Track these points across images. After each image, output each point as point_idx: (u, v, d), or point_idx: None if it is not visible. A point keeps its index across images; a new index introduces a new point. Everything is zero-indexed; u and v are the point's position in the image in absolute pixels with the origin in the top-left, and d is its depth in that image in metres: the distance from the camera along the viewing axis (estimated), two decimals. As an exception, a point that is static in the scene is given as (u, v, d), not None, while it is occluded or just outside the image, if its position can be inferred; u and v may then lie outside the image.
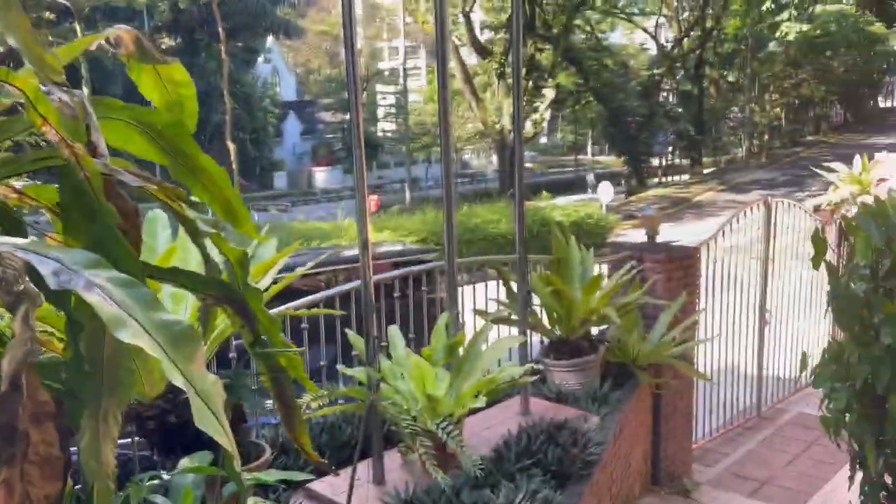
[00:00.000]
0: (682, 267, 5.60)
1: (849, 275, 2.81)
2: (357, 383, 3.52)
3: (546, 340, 5.01)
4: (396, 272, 4.92)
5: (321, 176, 41.34)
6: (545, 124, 32.70)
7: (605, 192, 19.80)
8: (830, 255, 8.01)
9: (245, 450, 3.02)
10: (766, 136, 42.40)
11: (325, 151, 44.86)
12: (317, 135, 46.61)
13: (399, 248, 9.23)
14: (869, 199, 7.80)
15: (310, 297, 4.16)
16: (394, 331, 3.80)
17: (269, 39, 46.56)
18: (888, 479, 2.90)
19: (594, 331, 5.08)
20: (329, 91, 44.80)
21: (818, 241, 3.19)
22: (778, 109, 44.84)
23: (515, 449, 3.61)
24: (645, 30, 40.74)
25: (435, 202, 19.30)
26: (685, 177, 35.50)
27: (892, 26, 36.43)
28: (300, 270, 3.34)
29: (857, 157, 7.99)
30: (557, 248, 5.05)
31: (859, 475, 3.12)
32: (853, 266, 2.84)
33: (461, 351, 3.68)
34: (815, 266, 3.15)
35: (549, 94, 27.07)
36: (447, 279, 3.90)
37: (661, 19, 39.84)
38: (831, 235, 7.85)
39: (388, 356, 3.70)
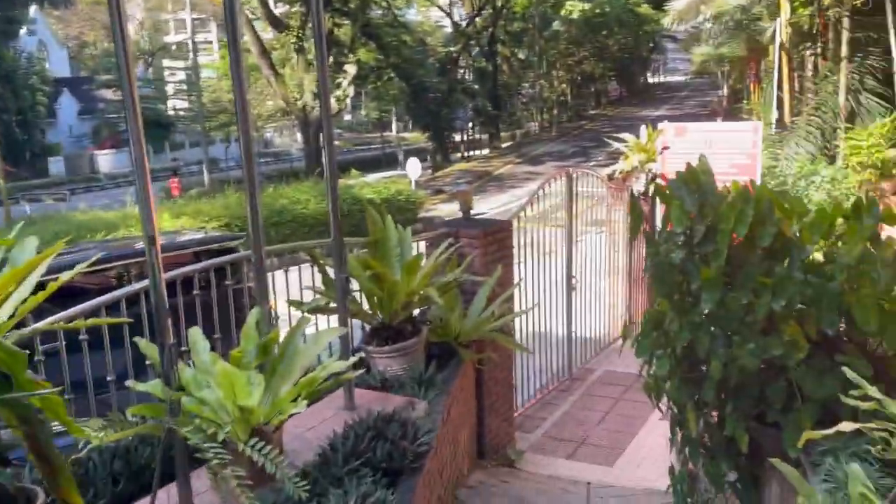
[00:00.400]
0: (496, 241, 5.59)
1: (665, 242, 2.83)
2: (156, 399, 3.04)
3: (368, 327, 4.76)
4: (197, 265, 4.40)
5: (105, 160, 37.68)
6: (349, 101, 32.22)
7: (414, 169, 19.90)
8: (622, 224, 8.56)
9: (11, 497, 2.47)
10: (555, 111, 45.14)
11: (108, 133, 40.92)
12: (97, 114, 42.37)
13: (200, 236, 8.46)
14: (655, 167, 8.39)
15: (92, 302, 3.57)
16: (195, 334, 3.33)
17: (33, 9, 41.33)
18: (706, 439, 3.00)
19: (416, 312, 4.91)
20: (109, 66, 40.75)
21: (636, 210, 3.21)
22: (564, 85, 47.97)
23: (342, 450, 3.33)
24: (440, 7, 41.54)
25: (237, 184, 18.23)
26: (485, 151, 36.87)
27: (659, 7, 40.05)
28: (77, 269, 2.78)
29: (643, 127, 8.59)
30: (374, 228, 4.80)
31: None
32: (668, 234, 2.87)
33: (276, 350, 3.32)
34: (633, 235, 3.16)
35: (351, 69, 26.61)
36: (254, 270, 3.49)
37: (454, -4, 40.85)
38: (624, 201, 8.35)
39: (192, 363, 3.24)
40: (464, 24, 38.65)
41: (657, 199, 7.52)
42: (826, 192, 8.29)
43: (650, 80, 72.85)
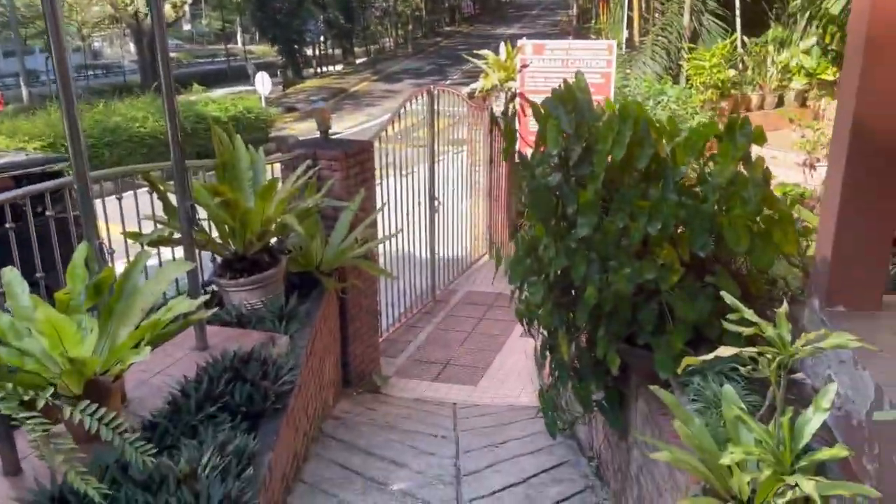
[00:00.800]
0: (358, 163, 5.30)
1: (539, 165, 2.69)
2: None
3: (219, 258, 4.37)
4: (15, 192, 3.78)
5: None
6: (187, 8, 29.56)
7: (264, 84, 18.67)
8: (483, 143, 8.48)
9: None
10: (410, 26, 44.12)
11: None
12: None
13: (21, 158, 7.43)
14: (514, 85, 8.30)
15: None
16: (9, 274, 2.85)
17: None
18: (576, 362, 2.99)
19: (274, 241, 4.57)
20: None
21: (510, 132, 3.05)
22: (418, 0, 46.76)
23: (195, 396, 3.03)
24: None
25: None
26: (339, 67, 35.48)
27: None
28: None
29: (502, 44, 8.43)
30: (221, 150, 4.34)
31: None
32: (543, 156, 2.73)
33: (112, 290, 2.91)
34: (506, 157, 3.01)
35: (188, -28, 24.25)
36: (79, 197, 3.00)
37: None
38: (484, 121, 8.25)
39: (8, 309, 2.78)
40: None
41: (517, 120, 7.43)
42: (671, 112, 8.62)
43: (502, -3, 72.67)
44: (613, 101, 7.58)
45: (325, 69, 34.42)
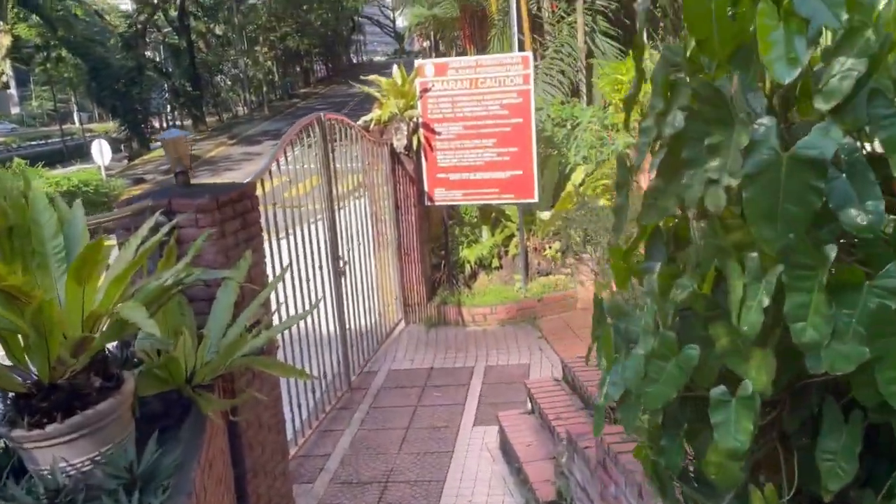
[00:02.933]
0: (237, 214, 3.60)
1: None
2: None
3: (12, 394, 2.52)
4: None
5: None
6: (9, 81, 26.35)
7: (102, 153, 16.20)
8: (386, 187, 6.96)
9: None
10: (265, 90, 42.47)
11: None
12: None
13: None
14: (416, 113, 6.88)
15: None
16: None
17: None
18: None
19: (111, 349, 2.77)
20: None
21: (623, 168, 1.54)
22: (270, 63, 45.20)
23: None
24: (116, -25, 36.26)
25: None
26: (191, 135, 33.01)
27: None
28: None
29: (395, 67, 7.06)
30: (3, 207, 2.53)
31: None
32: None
33: None
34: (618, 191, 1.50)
35: (4, 40, 21.43)
36: None
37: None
38: (384, 158, 6.75)
39: None
40: (146, -7, 34.01)
41: (423, 155, 6.04)
42: (594, 133, 7.57)
43: (354, 60, 72.71)
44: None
45: (175, 139, 31.79)
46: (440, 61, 6.89)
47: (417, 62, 6.88)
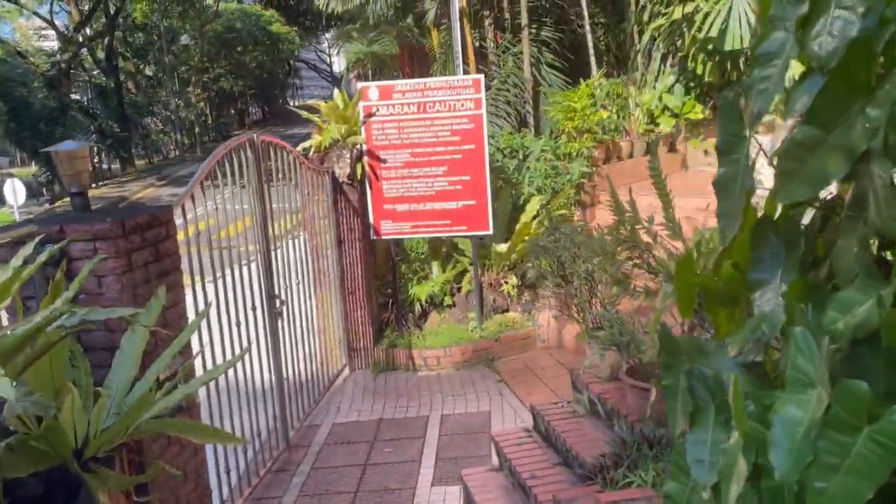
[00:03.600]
0: (148, 242, 2.97)
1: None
2: None
3: None
4: None
5: None
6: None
7: (15, 193, 15.01)
8: (327, 219, 6.37)
9: None
10: (197, 131, 41.37)
11: None
12: None
13: None
14: (360, 139, 6.36)
15: None
16: None
17: None
18: None
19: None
20: None
21: (732, 115, 0.99)
22: (203, 104, 44.14)
23: None
24: (40, 16, 34.88)
25: None
26: (120, 178, 31.61)
27: (296, 22, 39.00)
28: None
29: (336, 90, 6.54)
30: None
31: None
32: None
33: None
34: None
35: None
36: None
37: (57, 5, 34.59)
38: (326, 188, 6.17)
39: None
40: (71, 30, 32.82)
41: (368, 185, 5.51)
42: (548, 163, 7.18)
43: (291, 103, 72.14)
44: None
45: (104, 182, 30.38)
46: (385, 84, 6.40)
47: (360, 84, 6.37)
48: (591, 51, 9.03)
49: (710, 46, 7.30)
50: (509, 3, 10.12)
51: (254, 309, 4.64)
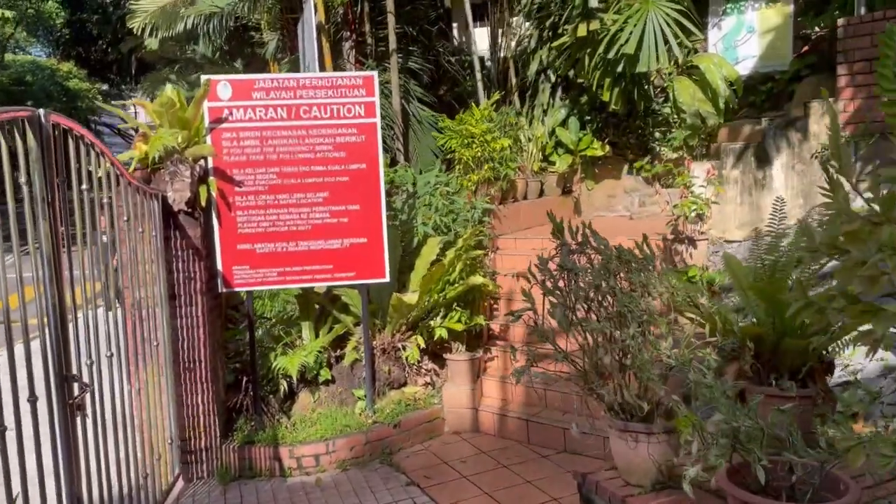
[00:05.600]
0: None
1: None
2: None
3: None
4: None
5: None
6: None
7: None
8: (156, 251, 4.42)
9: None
10: None
11: None
12: None
13: None
14: (207, 152, 4.55)
15: None
16: None
17: None
18: None
19: None
20: None
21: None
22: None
23: None
24: None
25: None
26: None
27: (100, 75, 35.27)
28: None
29: (168, 86, 4.72)
30: None
31: None
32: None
33: None
34: None
35: None
36: None
37: None
38: (154, 218, 4.27)
39: None
40: None
41: (216, 216, 3.81)
42: (446, 197, 5.78)
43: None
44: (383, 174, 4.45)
45: None
46: (241, 78, 4.69)
47: (205, 77, 4.60)
48: (479, 75, 7.88)
49: (619, 68, 6.39)
50: (372, 27, 8.81)
51: (33, 400, 2.67)
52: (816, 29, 7.53)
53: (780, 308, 2.84)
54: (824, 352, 2.91)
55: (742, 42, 7.78)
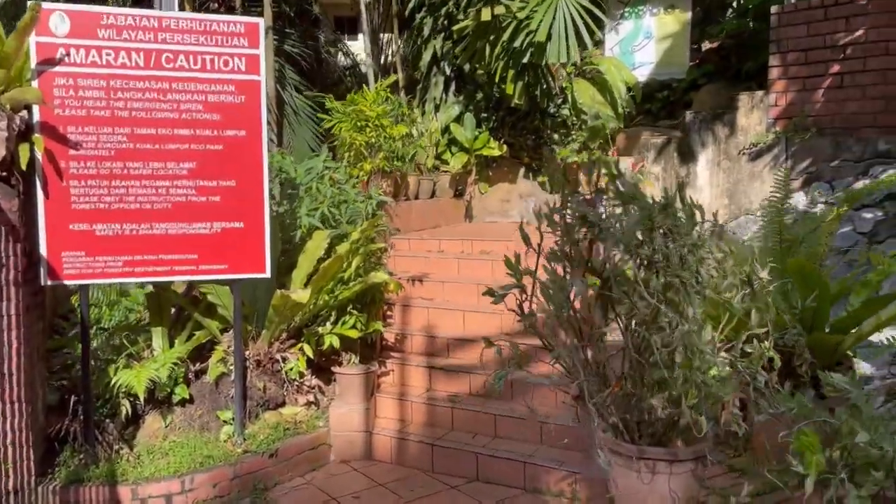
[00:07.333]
0: None
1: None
2: None
3: None
4: None
5: None
6: None
7: None
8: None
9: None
10: None
11: None
12: None
13: None
14: (32, 97, 3.46)
15: None
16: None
17: None
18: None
19: None
20: None
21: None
22: None
23: None
24: None
25: None
26: None
27: None
28: None
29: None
30: None
31: None
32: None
33: None
34: None
35: None
36: None
37: None
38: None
39: None
40: None
41: (42, 185, 2.86)
42: (340, 190, 4.93)
43: None
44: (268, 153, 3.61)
45: None
46: (84, 9, 3.66)
47: (32, 2, 3.54)
48: (370, 60, 7.13)
49: (525, 59, 5.90)
50: (244, 2, 7.84)
51: None
52: (712, 41, 7.50)
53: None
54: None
55: (639, 48, 7.59)
